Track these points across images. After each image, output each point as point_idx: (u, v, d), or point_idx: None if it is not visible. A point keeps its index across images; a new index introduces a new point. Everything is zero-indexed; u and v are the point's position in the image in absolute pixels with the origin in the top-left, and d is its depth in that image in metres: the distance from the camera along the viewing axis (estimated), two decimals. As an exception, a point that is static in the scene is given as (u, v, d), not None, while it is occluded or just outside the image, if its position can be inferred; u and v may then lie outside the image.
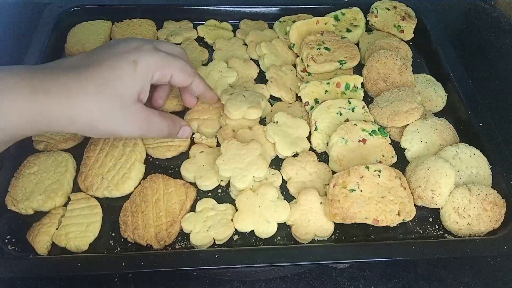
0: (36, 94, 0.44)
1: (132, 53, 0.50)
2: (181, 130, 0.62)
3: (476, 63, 0.95)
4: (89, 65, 0.48)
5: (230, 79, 0.76)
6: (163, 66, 0.53)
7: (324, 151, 0.70)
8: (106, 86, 0.47)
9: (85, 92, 0.46)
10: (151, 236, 0.58)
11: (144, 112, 0.52)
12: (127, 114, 0.50)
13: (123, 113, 0.49)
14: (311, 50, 0.79)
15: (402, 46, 0.84)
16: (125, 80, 0.49)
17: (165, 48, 0.56)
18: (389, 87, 0.77)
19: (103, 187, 0.62)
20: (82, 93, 0.46)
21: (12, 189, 0.62)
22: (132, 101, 0.50)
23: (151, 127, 0.54)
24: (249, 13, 0.91)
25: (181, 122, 0.62)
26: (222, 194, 0.65)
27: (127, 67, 0.49)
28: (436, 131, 0.70)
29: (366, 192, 0.60)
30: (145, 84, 0.51)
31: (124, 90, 0.49)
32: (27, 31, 0.83)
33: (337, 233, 0.61)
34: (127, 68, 0.49)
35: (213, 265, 0.55)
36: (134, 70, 0.49)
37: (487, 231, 0.62)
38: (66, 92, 0.45)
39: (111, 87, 0.47)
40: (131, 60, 0.49)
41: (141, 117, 0.52)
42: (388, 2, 0.91)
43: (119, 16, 0.88)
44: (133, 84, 0.49)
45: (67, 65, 0.49)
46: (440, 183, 0.61)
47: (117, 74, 0.48)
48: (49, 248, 0.58)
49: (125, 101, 0.49)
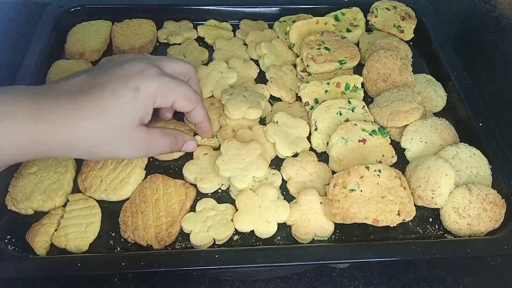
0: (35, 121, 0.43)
1: (135, 78, 0.49)
2: (185, 145, 0.60)
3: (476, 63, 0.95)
4: (89, 90, 0.47)
5: (231, 80, 0.76)
6: (166, 93, 0.51)
7: (324, 151, 0.70)
8: (106, 113, 0.46)
9: (84, 119, 0.45)
10: (151, 237, 0.58)
11: (145, 134, 0.51)
12: (129, 139, 0.50)
13: (123, 139, 0.49)
14: (311, 50, 0.79)
15: (402, 46, 0.84)
16: (126, 108, 0.48)
17: (172, 69, 0.55)
18: (389, 87, 0.77)
19: (101, 189, 0.62)
20: (80, 120, 0.45)
21: (12, 189, 0.62)
22: (134, 126, 0.49)
23: (151, 147, 0.53)
24: (249, 13, 0.91)
25: (184, 137, 0.60)
26: (222, 194, 0.65)
27: (128, 94, 0.48)
28: (436, 131, 0.70)
29: (366, 192, 0.60)
30: (147, 110, 0.50)
31: (125, 118, 0.48)
32: (27, 31, 0.83)
33: (337, 233, 0.61)
34: (128, 96, 0.48)
35: (213, 265, 0.55)
36: (135, 98, 0.48)
37: (487, 231, 0.62)
38: (64, 119, 0.45)
39: (111, 115, 0.47)
40: (133, 87, 0.48)
41: (141, 140, 0.51)
42: (388, 2, 0.91)
43: (119, 16, 0.88)
44: (134, 111, 0.49)
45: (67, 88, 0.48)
46: (440, 183, 0.61)
47: (117, 102, 0.47)
48: (48, 249, 0.58)
49: (125, 128, 0.48)
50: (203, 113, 0.60)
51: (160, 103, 0.52)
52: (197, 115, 0.59)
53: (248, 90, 0.73)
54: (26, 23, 0.91)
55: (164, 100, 0.52)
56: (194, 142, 0.62)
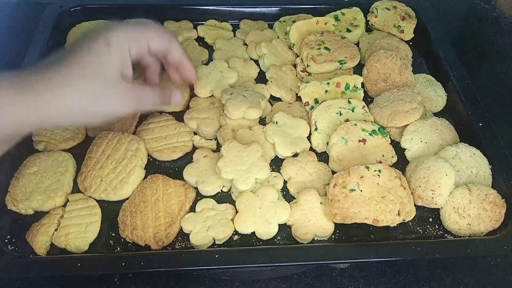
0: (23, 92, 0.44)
1: (103, 33, 0.50)
2: (173, 95, 0.60)
3: (476, 63, 0.95)
4: (68, 56, 0.49)
5: (231, 80, 0.76)
6: (137, 38, 0.53)
7: (324, 151, 0.70)
8: (88, 70, 0.48)
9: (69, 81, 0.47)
10: (150, 237, 0.58)
11: (131, 87, 0.52)
12: (114, 93, 0.50)
13: (110, 91, 0.50)
14: (311, 50, 0.79)
15: (402, 46, 0.84)
16: (102, 60, 0.49)
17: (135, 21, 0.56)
18: (389, 87, 0.77)
19: (101, 189, 0.62)
20: (65, 83, 0.46)
21: (12, 189, 0.62)
22: (115, 79, 0.50)
23: (141, 99, 0.54)
24: (249, 13, 0.91)
25: (170, 86, 0.61)
26: (223, 195, 0.65)
27: (101, 47, 0.49)
28: (436, 131, 0.70)
29: (366, 192, 0.60)
30: (123, 60, 0.51)
31: (104, 70, 0.49)
32: (27, 31, 0.83)
33: (337, 233, 0.61)
34: (102, 49, 0.49)
35: (213, 265, 0.55)
36: (109, 49, 0.49)
37: (487, 231, 0.62)
38: (50, 85, 0.46)
39: (93, 71, 0.48)
40: (103, 39, 0.49)
41: (129, 92, 0.52)
42: (388, 2, 0.91)
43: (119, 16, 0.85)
44: (111, 63, 0.50)
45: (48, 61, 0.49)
46: (440, 183, 0.61)
47: (94, 57, 0.48)
48: (48, 249, 0.58)
49: (108, 81, 0.49)
50: (181, 50, 0.59)
51: (136, 50, 0.52)
52: (175, 52, 0.58)
53: (248, 90, 0.73)
54: (26, 23, 0.91)
55: (138, 46, 0.53)
56: (179, 92, 0.61)
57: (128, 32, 0.52)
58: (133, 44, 0.52)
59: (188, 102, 0.75)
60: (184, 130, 0.70)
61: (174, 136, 0.69)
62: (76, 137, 0.69)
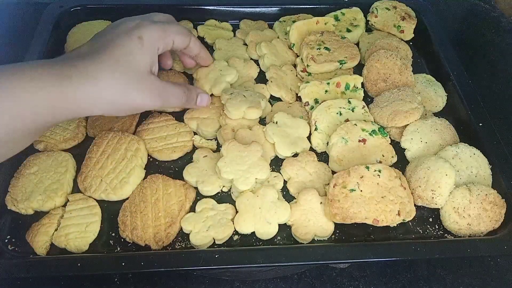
0: (61, 80, 0.47)
1: (135, 30, 0.54)
2: (199, 97, 0.65)
3: (476, 63, 0.95)
4: (99, 48, 0.52)
5: (229, 77, 0.76)
6: (165, 36, 0.57)
7: (324, 151, 0.70)
8: (119, 63, 0.51)
9: (103, 71, 0.50)
10: (150, 237, 0.58)
11: (160, 82, 0.56)
12: (144, 86, 0.54)
13: (141, 85, 0.53)
14: (311, 50, 0.79)
15: (402, 46, 0.84)
16: (135, 56, 0.53)
17: (159, 19, 0.61)
18: (389, 87, 0.77)
19: (101, 189, 0.62)
20: (100, 74, 0.50)
21: (12, 189, 0.62)
22: (146, 74, 0.54)
23: (168, 94, 0.58)
24: (249, 13, 0.91)
25: (197, 89, 0.66)
26: (223, 195, 0.65)
27: (134, 44, 0.53)
28: (436, 131, 0.70)
29: (366, 192, 0.60)
30: (153, 56, 0.55)
31: (137, 65, 0.53)
32: (27, 31, 0.83)
33: (337, 233, 0.61)
34: (135, 45, 0.53)
35: (213, 265, 0.55)
36: (141, 45, 0.53)
37: (487, 231, 0.62)
38: (86, 76, 0.49)
39: (125, 63, 0.51)
40: (136, 36, 0.53)
41: (158, 87, 0.56)
42: (388, 2, 0.91)
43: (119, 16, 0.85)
44: (143, 58, 0.54)
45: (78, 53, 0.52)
46: (440, 183, 0.61)
47: (127, 51, 0.52)
48: (48, 249, 0.58)
49: (140, 74, 0.53)
50: (199, 42, 0.66)
51: (163, 47, 0.58)
52: (195, 46, 0.65)
53: (248, 90, 0.73)
54: (26, 23, 0.91)
55: (165, 43, 0.58)
56: (207, 95, 0.67)
57: (158, 31, 0.56)
58: (161, 42, 0.57)
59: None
60: (184, 130, 0.70)
61: (174, 136, 0.69)
62: (76, 137, 0.69)
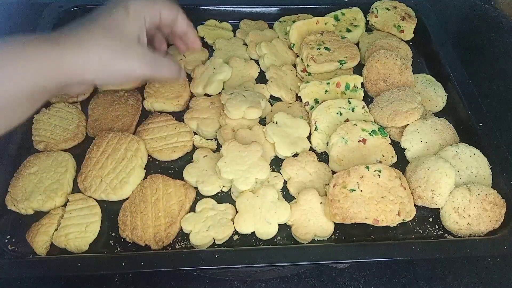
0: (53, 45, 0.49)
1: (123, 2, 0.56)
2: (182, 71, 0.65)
3: (476, 63, 0.95)
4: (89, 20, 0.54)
5: (221, 75, 0.76)
6: (151, 6, 0.59)
7: (324, 151, 0.70)
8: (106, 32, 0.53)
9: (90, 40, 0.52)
10: (150, 237, 0.58)
11: (148, 51, 0.57)
12: (132, 52, 0.55)
13: (128, 52, 0.55)
14: (311, 50, 0.79)
15: (402, 46, 0.84)
16: (122, 25, 0.55)
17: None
18: (389, 87, 0.77)
19: (101, 189, 0.62)
20: (88, 41, 0.51)
21: (12, 189, 0.62)
22: (133, 42, 0.55)
23: (157, 63, 0.58)
24: (249, 13, 0.91)
25: None
26: (223, 195, 0.65)
27: (121, 12, 0.55)
28: (436, 131, 0.70)
29: (366, 192, 0.60)
30: (140, 27, 0.57)
31: (123, 34, 0.55)
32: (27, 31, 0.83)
33: (337, 233, 0.61)
34: (121, 14, 0.55)
35: (213, 265, 0.55)
36: (127, 15, 0.55)
37: (487, 231, 0.62)
38: (77, 42, 0.51)
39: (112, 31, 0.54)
40: (123, 7, 0.56)
41: (146, 55, 0.56)
42: (388, 2, 0.91)
43: None
44: (129, 27, 0.55)
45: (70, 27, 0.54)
46: (440, 183, 0.61)
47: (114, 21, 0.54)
48: (48, 249, 0.58)
49: (127, 42, 0.55)
50: (187, 21, 0.65)
51: (150, 18, 0.59)
52: (182, 23, 0.64)
53: (248, 90, 0.73)
54: (26, 23, 0.91)
55: (151, 14, 0.59)
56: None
57: (144, 2, 0.58)
58: (148, 13, 0.58)
59: (188, 102, 0.75)
60: (184, 130, 0.70)
61: (174, 136, 0.69)
62: (76, 137, 0.69)
